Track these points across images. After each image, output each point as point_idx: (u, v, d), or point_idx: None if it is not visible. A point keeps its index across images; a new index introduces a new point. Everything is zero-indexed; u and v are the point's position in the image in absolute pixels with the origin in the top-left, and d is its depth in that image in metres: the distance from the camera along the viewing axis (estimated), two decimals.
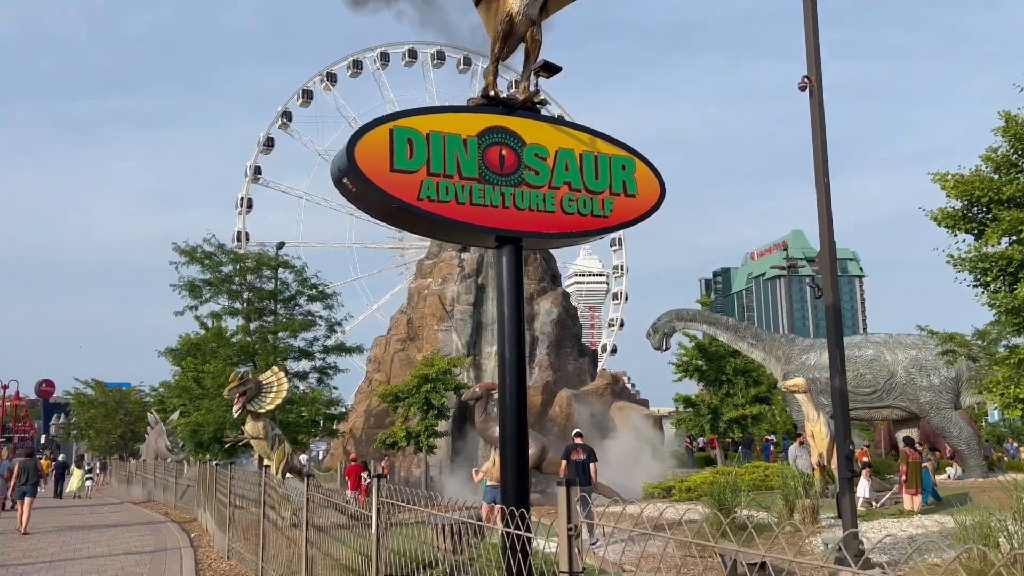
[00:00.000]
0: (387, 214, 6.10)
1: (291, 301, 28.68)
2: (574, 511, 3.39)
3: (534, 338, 41.25)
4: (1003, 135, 14.78)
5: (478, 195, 6.01)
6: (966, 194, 14.66)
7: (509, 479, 5.99)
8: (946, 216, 14.98)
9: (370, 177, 5.71)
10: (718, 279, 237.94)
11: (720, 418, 33.36)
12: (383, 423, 41.01)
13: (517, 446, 6.03)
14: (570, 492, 3.45)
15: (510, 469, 6.00)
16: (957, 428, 27.56)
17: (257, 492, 10.71)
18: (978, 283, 16.18)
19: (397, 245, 76.20)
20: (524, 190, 6.18)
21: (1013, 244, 14.93)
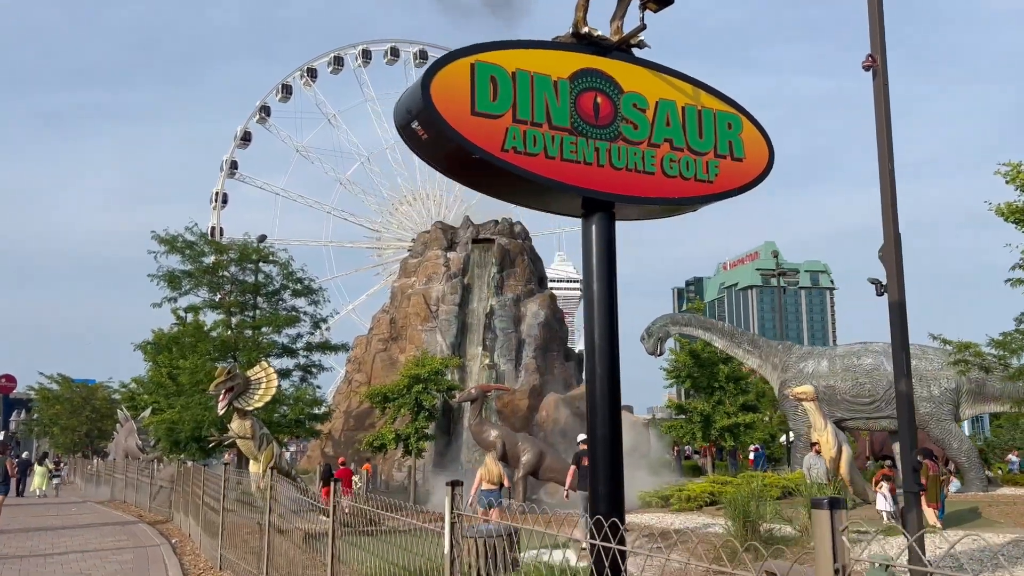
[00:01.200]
0: (461, 167, 5.11)
1: (275, 295, 27.43)
2: (839, 546, 2.45)
3: (521, 340, 40.25)
4: None
5: (569, 149, 5.05)
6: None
7: (601, 486, 5.02)
8: (1014, 211, 13.95)
9: (449, 121, 4.71)
10: (691, 288, 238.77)
11: (712, 426, 32.61)
12: (363, 425, 39.74)
13: (611, 449, 5.07)
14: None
15: (603, 476, 5.04)
16: (957, 440, 27.05)
17: (260, 496, 9.58)
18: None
19: (375, 245, 74.96)
20: (621, 146, 5.23)
21: None
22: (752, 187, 5.62)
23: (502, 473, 17.20)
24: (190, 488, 16.08)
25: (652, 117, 5.35)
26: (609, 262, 5.22)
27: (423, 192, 74.15)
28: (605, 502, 4.98)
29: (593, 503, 5.03)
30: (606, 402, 5.09)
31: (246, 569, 10.63)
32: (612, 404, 5.11)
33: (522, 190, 5.14)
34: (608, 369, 5.08)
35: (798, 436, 29.57)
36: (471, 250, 42.55)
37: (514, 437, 23.17)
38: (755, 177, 5.66)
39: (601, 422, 5.12)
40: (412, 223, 72.67)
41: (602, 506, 4.97)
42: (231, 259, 26.67)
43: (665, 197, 5.34)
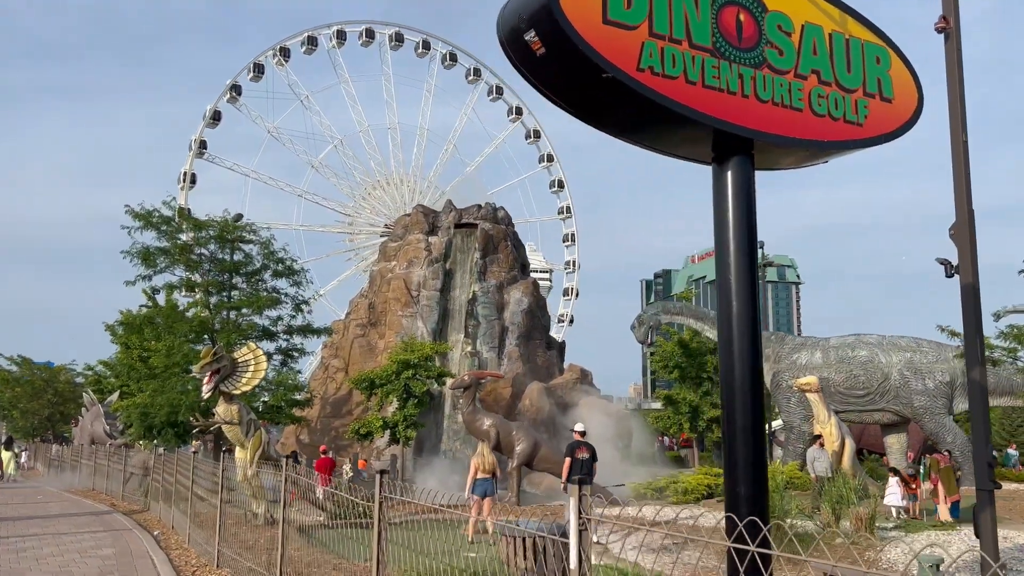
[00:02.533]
0: (582, 93, 4.16)
1: (255, 276, 26.16)
2: None
3: (504, 328, 39.37)
4: None
5: (711, 74, 4.16)
6: None
7: (742, 486, 4.16)
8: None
9: (579, 29, 3.78)
10: (659, 280, 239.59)
11: (700, 417, 32.06)
12: (340, 412, 38.62)
13: (753, 442, 4.21)
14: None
15: (744, 474, 4.17)
16: (952, 434, 26.76)
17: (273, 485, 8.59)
18: None
19: (346, 230, 73.36)
20: (766, 75, 4.36)
21: None
22: (901, 133, 4.79)
23: (495, 463, 16.44)
24: (174, 476, 14.97)
25: (798, 43, 4.49)
26: (748, 221, 4.35)
27: (397, 177, 72.80)
28: (747, 504, 4.11)
29: (732, 504, 4.16)
30: (747, 387, 4.22)
31: (250, 567, 9.61)
32: (753, 389, 4.25)
33: (651, 124, 4.25)
34: (749, 345, 4.22)
35: (790, 428, 29.13)
36: (453, 235, 41.50)
37: (508, 426, 22.32)
38: (905, 122, 4.84)
39: (741, 409, 4.25)
40: (386, 208, 71.31)
41: (744, 509, 4.10)
42: (210, 236, 25.36)
43: (813, 139, 4.48)
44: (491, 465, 16.43)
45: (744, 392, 4.25)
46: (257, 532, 14.22)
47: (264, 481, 16.52)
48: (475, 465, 16.63)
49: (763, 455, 4.28)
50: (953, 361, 27.59)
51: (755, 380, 4.28)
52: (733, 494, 4.21)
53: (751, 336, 4.28)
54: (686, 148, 4.51)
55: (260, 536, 13.67)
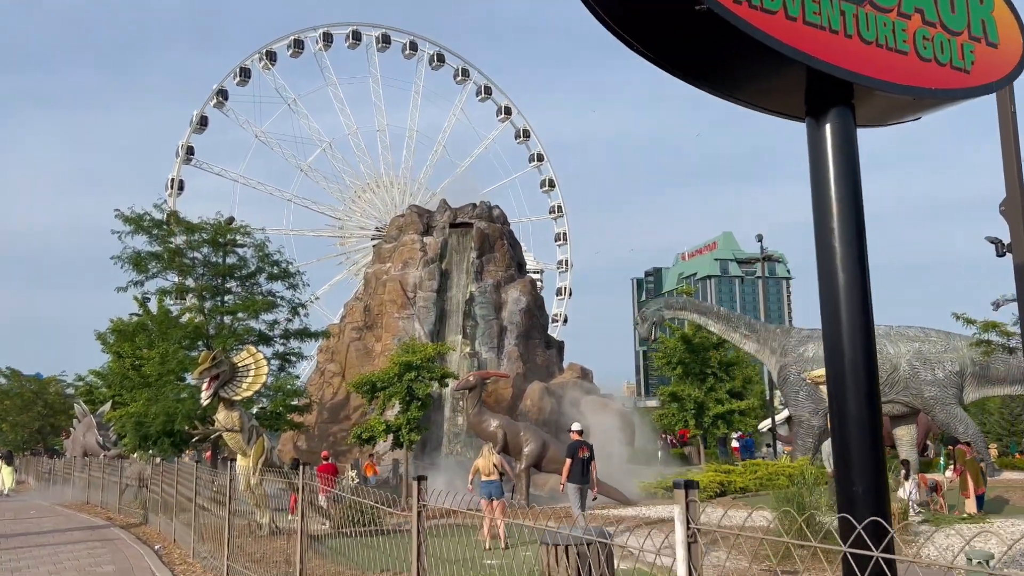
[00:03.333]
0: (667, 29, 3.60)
1: (250, 279, 25.49)
2: None
3: (502, 327, 38.77)
4: None
5: (812, 9, 3.62)
6: None
7: (858, 484, 3.61)
8: None
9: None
10: (650, 279, 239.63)
11: (705, 413, 31.56)
12: (338, 417, 37.94)
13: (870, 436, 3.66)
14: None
15: (859, 465, 3.63)
16: (963, 424, 26.35)
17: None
18: None
19: (337, 234, 72.58)
20: (869, 12, 3.81)
21: None
22: (1007, 83, 4.26)
23: (501, 462, 15.90)
24: (175, 487, 14.31)
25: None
26: (852, 179, 3.80)
27: (387, 180, 72.10)
28: (866, 503, 3.55)
29: (847, 505, 3.61)
30: (860, 370, 3.67)
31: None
32: (868, 372, 3.70)
33: (744, 66, 3.70)
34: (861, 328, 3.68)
35: (799, 422, 28.67)
36: (448, 234, 40.89)
37: (516, 427, 21.74)
38: (1011, 69, 4.30)
39: (854, 396, 3.70)
40: (376, 211, 70.65)
41: (862, 510, 3.54)
42: (203, 240, 24.67)
43: (919, 86, 3.93)
44: (494, 466, 15.91)
45: (857, 377, 3.70)
46: (264, 544, 13.60)
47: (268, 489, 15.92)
48: (476, 467, 16.17)
49: (880, 447, 3.73)
50: (963, 350, 27.22)
51: (869, 362, 3.73)
52: (848, 493, 3.66)
53: (862, 311, 3.73)
54: (778, 98, 3.95)
55: (268, 548, 13.05)
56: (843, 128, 3.86)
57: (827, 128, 3.87)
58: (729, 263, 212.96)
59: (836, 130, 3.86)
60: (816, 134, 3.92)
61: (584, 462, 16.20)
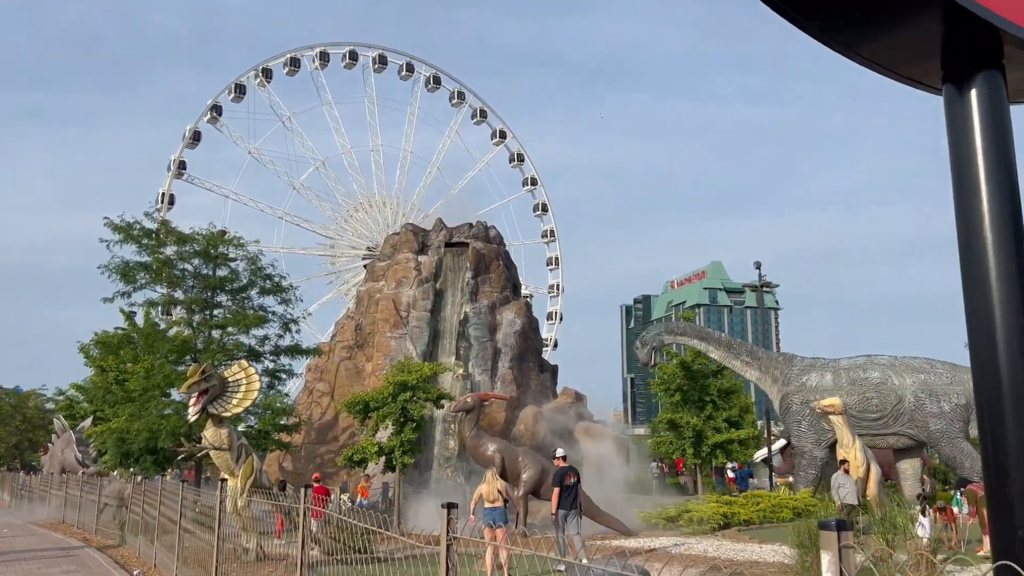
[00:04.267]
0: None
1: (241, 293, 24.70)
2: None
3: (496, 349, 38.02)
4: None
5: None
6: None
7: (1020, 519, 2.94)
8: None
9: None
10: (639, 306, 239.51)
11: (704, 442, 30.83)
12: (326, 438, 36.99)
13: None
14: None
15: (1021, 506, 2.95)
16: (970, 459, 25.68)
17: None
18: None
19: (328, 252, 71.80)
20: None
21: None
22: None
23: (505, 488, 15.20)
24: (157, 508, 13.45)
25: None
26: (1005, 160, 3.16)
27: (380, 200, 71.50)
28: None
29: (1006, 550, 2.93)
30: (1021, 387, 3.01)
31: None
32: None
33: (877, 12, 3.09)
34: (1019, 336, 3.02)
35: (801, 453, 27.98)
36: (444, 254, 40.22)
37: (514, 452, 20.95)
38: None
39: (1014, 419, 3.02)
40: (368, 231, 69.99)
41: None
42: (194, 251, 23.90)
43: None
44: (498, 492, 15.16)
45: (1018, 395, 3.04)
46: (251, 571, 12.75)
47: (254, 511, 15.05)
48: (479, 493, 15.40)
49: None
50: (969, 383, 26.70)
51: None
52: (1008, 538, 2.98)
53: (1020, 316, 3.07)
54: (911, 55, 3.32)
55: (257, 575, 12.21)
56: (991, 95, 3.23)
57: (971, 94, 3.23)
58: (718, 292, 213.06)
59: (984, 100, 3.23)
60: (955, 104, 3.28)
61: (571, 488, 15.93)
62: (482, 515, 15.00)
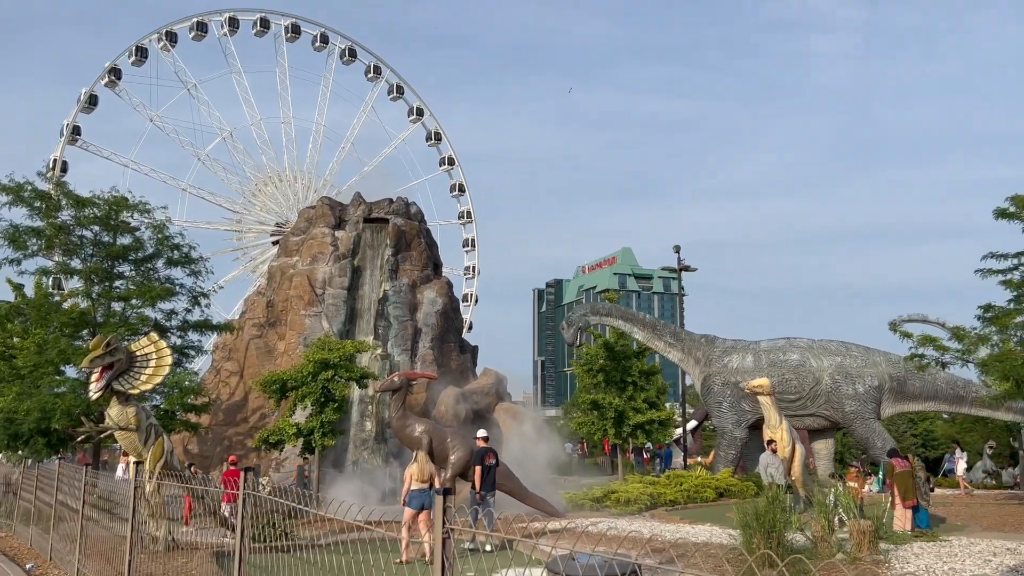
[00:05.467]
0: None
1: (146, 263, 22.93)
2: None
3: (417, 329, 37.03)
4: None
5: None
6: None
7: None
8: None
9: None
10: (551, 290, 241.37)
11: (625, 422, 30.80)
12: (234, 419, 35.26)
13: None
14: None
15: None
16: (881, 439, 26.46)
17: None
18: None
19: (234, 227, 68.77)
20: None
21: None
22: None
23: (434, 472, 14.67)
24: (54, 494, 12.08)
25: None
26: None
27: (290, 175, 68.88)
28: None
29: None
30: None
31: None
32: None
33: None
34: None
35: (722, 433, 28.29)
36: (362, 229, 38.86)
37: (443, 433, 20.13)
38: None
39: None
40: (277, 206, 67.38)
41: None
42: (94, 216, 21.99)
43: None
44: (428, 473, 14.65)
45: None
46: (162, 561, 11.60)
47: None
48: (409, 474, 14.81)
49: None
50: (882, 365, 27.47)
51: None
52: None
53: None
54: None
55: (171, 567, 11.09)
56: None
57: None
58: (627, 278, 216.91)
59: None
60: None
61: (491, 469, 16.14)
62: (410, 498, 14.37)
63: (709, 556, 11.55)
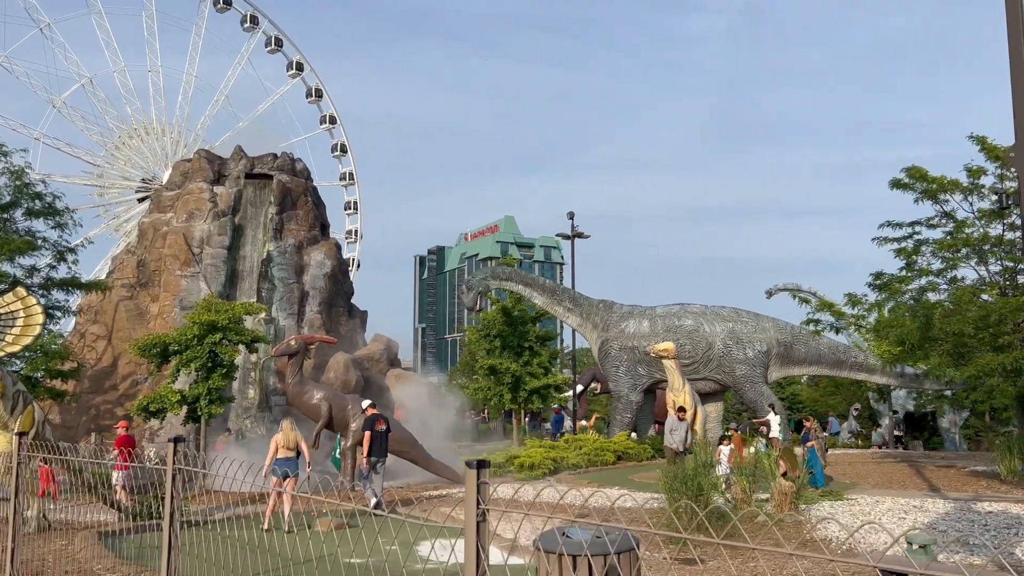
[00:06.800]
0: None
1: (3, 212, 20.42)
2: None
3: (304, 292, 35.38)
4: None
5: None
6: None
7: None
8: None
9: None
10: (432, 257, 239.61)
11: (522, 387, 30.56)
12: (102, 387, 32.67)
13: None
14: None
15: None
16: (769, 401, 27.32)
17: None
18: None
19: (94, 182, 63.60)
20: None
21: None
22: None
23: (300, 439, 13.97)
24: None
25: None
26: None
27: (157, 127, 64.19)
28: None
29: None
30: None
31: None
32: None
33: None
34: None
35: (618, 397, 28.48)
36: (244, 185, 36.62)
37: (343, 400, 19.11)
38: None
39: None
40: (144, 160, 62.80)
41: None
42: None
43: None
44: (294, 441, 13.97)
45: None
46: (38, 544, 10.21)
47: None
48: (275, 442, 14.08)
49: None
50: (770, 331, 28.32)
51: None
52: None
53: None
54: None
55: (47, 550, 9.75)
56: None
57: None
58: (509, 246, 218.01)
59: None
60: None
61: (383, 435, 15.87)
62: (275, 465, 13.65)
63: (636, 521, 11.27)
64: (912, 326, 17.13)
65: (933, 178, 17.66)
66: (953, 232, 17.89)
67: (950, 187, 17.55)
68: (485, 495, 3.11)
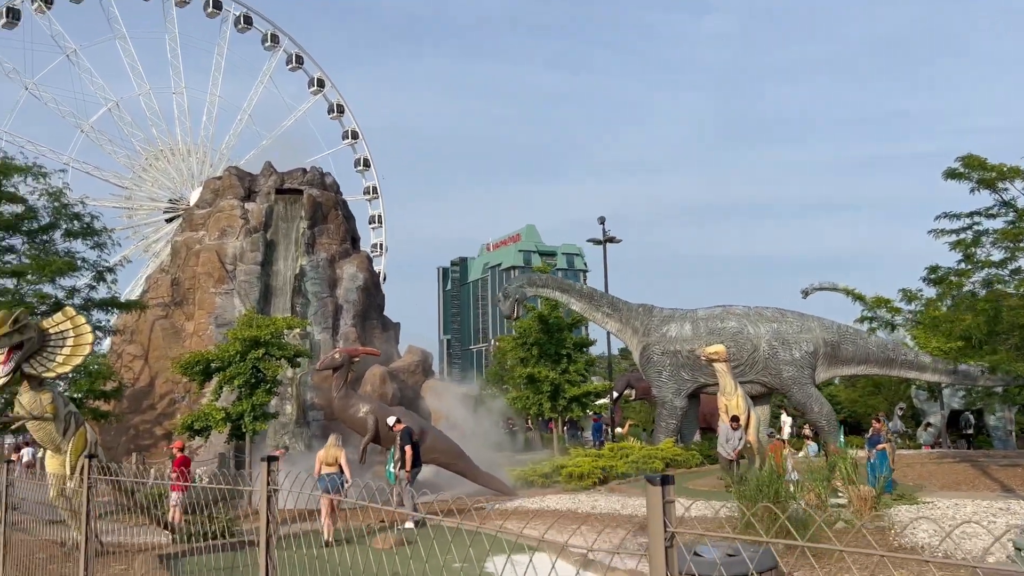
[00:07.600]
0: None
1: (42, 234, 20.36)
2: None
3: (338, 306, 35.18)
4: None
5: None
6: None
7: None
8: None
9: None
10: (455, 268, 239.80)
11: (561, 395, 30.07)
12: (140, 406, 32.60)
13: None
14: None
15: None
16: (818, 404, 26.63)
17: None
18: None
19: (123, 204, 64.06)
20: None
21: None
22: None
23: (340, 455, 13.89)
24: None
25: None
26: None
27: (183, 148, 64.65)
28: None
29: None
30: None
31: None
32: None
33: None
34: None
35: (663, 403, 27.89)
36: (275, 201, 36.54)
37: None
38: None
39: None
40: (170, 181, 63.26)
41: None
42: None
43: None
44: (334, 457, 13.89)
45: None
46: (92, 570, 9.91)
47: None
48: (319, 458, 14.07)
49: None
50: (816, 331, 27.64)
51: None
52: None
53: None
54: None
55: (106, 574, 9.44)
56: None
57: None
58: (532, 254, 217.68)
59: None
60: None
61: (417, 447, 16.52)
62: (318, 482, 13.59)
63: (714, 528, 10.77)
64: (979, 320, 16.48)
65: (992, 166, 17.08)
66: (1015, 221, 17.25)
67: (1010, 175, 16.93)
68: (671, 516, 2.69)
